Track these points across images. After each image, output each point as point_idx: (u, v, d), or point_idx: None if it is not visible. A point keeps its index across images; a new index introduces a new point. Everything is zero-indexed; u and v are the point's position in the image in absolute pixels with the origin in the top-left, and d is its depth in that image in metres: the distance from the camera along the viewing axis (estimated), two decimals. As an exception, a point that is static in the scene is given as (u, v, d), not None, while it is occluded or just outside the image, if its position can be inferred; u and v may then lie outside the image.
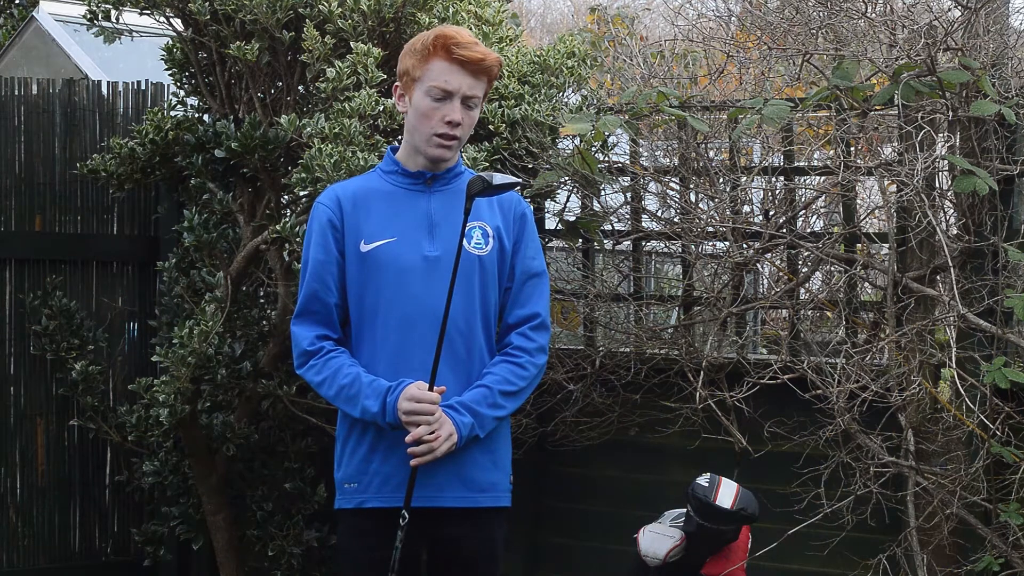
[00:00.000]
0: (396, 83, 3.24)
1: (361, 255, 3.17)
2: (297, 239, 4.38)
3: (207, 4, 4.62)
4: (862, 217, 4.80)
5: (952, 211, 4.36)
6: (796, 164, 4.74)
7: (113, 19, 5.04)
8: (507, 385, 3.21)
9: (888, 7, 4.37)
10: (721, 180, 4.76)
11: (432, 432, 3.07)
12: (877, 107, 4.15)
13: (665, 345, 4.92)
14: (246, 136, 4.60)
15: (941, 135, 4.25)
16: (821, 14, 4.46)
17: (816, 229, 4.98)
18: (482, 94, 3.18)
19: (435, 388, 3.09)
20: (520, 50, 4.93)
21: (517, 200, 3.31)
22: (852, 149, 4.42)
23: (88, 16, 5.06)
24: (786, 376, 4.29)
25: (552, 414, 5.00)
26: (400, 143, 3.33)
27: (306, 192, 4.37)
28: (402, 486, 3.14)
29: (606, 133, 4.59)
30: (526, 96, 4.79)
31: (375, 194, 3.22)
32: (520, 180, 3.39)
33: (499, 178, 3.07)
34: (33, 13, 7.09)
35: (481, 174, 3.07)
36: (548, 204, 5.17)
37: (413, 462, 3.09)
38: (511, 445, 3.35)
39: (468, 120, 3.17)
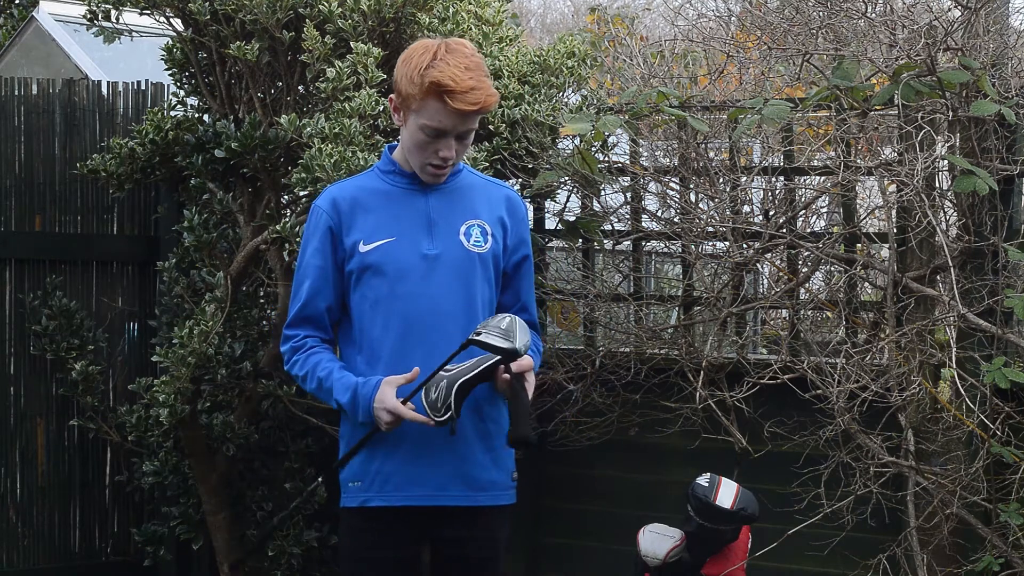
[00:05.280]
0: (391, 94, 3.22)
1: (361, 255, 3.18)
2: (297, 239, 4.38)
3: (207, 4, 4.62)
4: (862, 217, 4.80)
5: (952, 211, 4.35)
6: (796, 164, 4.74)
7: (113, 19, 5.03)
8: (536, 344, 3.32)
9: (888, 7, 4.37)
10: (721, 180, 4.76)
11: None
12: (877, 107, 4.15)
13: (665, 345, 4.92)
14: (246, 136, 4.60)
15: (941, 135, 4.25)
16: (821, 14, 4.46)
17: (816, 229, 4.97)
18: (477, 124, 3.20)
19: (408, 376, 3.08)
20: (520, 50, 4.93)
21: (523, 204, 3.36)
22: (852, 149, 4.42)
23: (88, 16, 5.05)
24: (786, 376, 4.29)
25: (552, 414, 4.99)
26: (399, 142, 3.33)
27: (306, 192, 4.37)
28: (403, 486, 3.16)
29: (606, 133, 4.59)
30: (526, 96, 4.79)
31: (373, 194, 3.23)
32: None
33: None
34: (33, 13, 7.07)
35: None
36: (548, 204, 5.17)
37: None
38: None
39: (462, 148, 3.20)
